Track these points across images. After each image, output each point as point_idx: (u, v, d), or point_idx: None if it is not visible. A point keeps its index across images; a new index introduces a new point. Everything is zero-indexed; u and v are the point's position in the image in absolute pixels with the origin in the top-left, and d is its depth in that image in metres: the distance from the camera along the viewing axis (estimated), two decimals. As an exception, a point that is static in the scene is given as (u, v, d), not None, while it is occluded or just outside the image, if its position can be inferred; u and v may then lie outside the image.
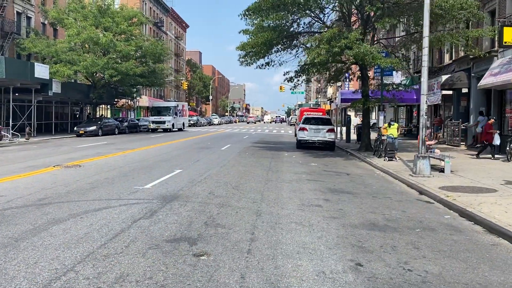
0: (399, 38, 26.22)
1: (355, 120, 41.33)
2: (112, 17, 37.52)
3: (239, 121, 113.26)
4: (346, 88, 44.24)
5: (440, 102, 27.20)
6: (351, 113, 35.33)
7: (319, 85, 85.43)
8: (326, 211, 8.07)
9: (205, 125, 69.13)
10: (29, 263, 4.87)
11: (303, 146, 23.27)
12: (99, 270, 4.70)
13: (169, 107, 44.77)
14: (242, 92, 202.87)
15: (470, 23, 22.05)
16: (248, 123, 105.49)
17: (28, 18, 38.50)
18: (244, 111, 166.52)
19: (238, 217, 7.26)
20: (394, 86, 21.90)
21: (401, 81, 29.81)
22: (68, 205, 7.83)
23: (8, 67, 25.91)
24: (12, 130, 27.92)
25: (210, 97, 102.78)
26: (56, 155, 17.23)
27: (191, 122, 61.41)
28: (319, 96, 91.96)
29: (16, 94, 30.32)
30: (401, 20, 20.94)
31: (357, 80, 25.17)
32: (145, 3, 67.37)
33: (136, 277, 4.57)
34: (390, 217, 7.73)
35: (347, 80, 41.99)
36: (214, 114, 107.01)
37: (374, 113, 45.13)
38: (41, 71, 29.41)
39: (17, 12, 36.68)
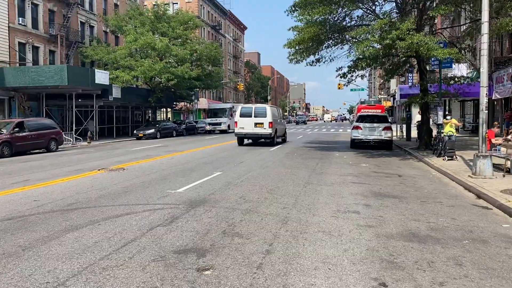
0: (464, 28, 24.24)
1: (418, 117, 39.00)
2: (168, 22, 38.36)
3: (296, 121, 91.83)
4: (410, 83, 41.94)
5: (511, 95, 24.80)
6: (414, 110, 33.26)
7: (382, 81, 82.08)
8: (363, 218, 7.30)
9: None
10: (24, 275, 4.66)
11: (357, 145, 22.18)
12: (89, 286, 4.37)
13: (224, 109, 45.11)
14: (302, 91, 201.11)
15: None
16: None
17: (91, 27, 40.40)
18: (304, 110, 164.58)
19: (261, 225, 6.72)
20: (456, 79, 20.20)
21: (467, 73, 27.63)
22: (93, 211, 7.70)
23: (70, 75, 27.23)
24: (75, 134, 29.37)
25: (269, 97, 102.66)
26: (107, 158, 17.63)
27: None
28: (382, 92, 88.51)
29: (79, 100, 31.88)
30: (462, 7, 19.24)
31: (417, 73, 23.60)
32: (203, 7, 68.59)
33: (126, 294, 4.20)
34: (435, 226, 6.82)
35: (410, 74, 39.78)
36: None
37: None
38: (101, 77, 30.66)
39: (80, 22, 38.61)
